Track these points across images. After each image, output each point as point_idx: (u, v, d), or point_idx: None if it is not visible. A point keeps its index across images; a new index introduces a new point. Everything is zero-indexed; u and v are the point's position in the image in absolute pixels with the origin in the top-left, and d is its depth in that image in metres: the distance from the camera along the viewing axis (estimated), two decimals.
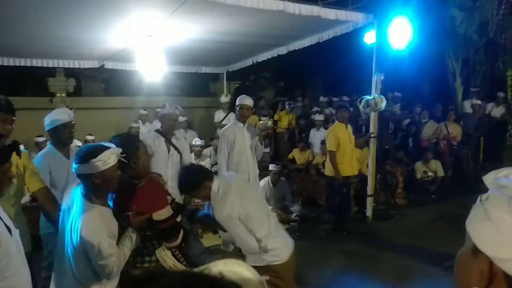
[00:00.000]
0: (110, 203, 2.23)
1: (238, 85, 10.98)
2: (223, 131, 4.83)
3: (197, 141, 7.06)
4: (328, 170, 5.85)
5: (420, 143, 8.78)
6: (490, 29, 9.26)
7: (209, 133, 8.47)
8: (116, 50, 6.67)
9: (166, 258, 2.30)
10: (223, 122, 7.83)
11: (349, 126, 5.93)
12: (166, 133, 4.54)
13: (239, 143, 4.70)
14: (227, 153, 4.71)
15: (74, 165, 2.03)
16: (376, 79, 5.91)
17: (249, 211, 2.62)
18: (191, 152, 6.96)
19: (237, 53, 7.70)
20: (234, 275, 0.70)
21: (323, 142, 7.32)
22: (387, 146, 8.28)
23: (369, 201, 6.31)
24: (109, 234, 2.02)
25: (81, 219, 1.97)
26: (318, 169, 7.64)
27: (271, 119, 6.46)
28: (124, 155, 2.10)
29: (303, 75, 11.85)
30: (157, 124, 5.24)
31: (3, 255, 1.51)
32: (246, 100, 4.77)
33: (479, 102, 8.53)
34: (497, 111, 8.90)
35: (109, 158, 2.01)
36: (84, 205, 2.02)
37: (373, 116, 6.11)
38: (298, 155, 8.28)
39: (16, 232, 1.69)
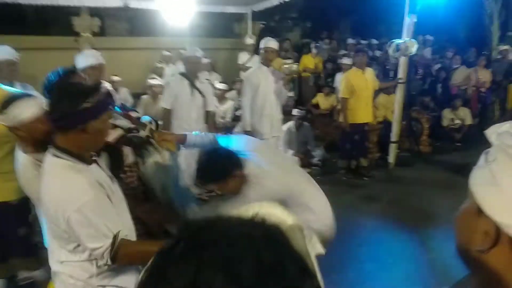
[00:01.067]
0: None
1: (263, 26, 10.69)
2: (247, 75, 4.80)
3: (220, 85, 7.04)
4: (341, 117, 5.85)
5: (449, 90, 8.50)
6: None
7: (234, 76, 8.40)
8: None
9: None
10: (248, 65, 7.74)
11: (368, 71, 5.82)
12: (190, 76, 4.55)
13: (263, 87, 4.66)
14: (250, 97, 4.69)
15: None
16: (409, 21, 5.63)
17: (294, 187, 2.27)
18: (214, 96, 7.01)
19: None
20: (273, 218, 0.66)
21: None
22: (414, 92, 8.07)
23: (393, 148, 6.28)
24: None
25: None
26: None
27: (296, 63, 6.34)
28: None
29: (331, 16, 11.42)
30: (181, 66, 5.22)
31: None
32: (270, 43, 4.67)
33: (506, 47, 8.08)
34: None
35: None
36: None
37: (402, 61, 5.91)
38: (322, 100, 8.18)
39: (115, 180, 1.77)
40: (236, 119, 6.58)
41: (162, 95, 5.09)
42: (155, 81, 6.47)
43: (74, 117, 1.50)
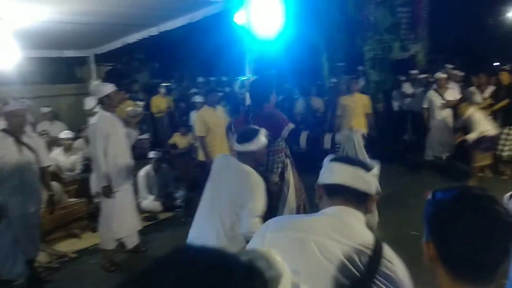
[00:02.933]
0: None
1: (110, 68, 10.28)
2: (94, 125, 4.37)
3: (65, 134, 6.45)
4: (200, 155, 5.92)
5: (294, 118, 9.27)
6: (350, 7, 10.02)
7: (80, 123, 7.80)
8: None
9: None
10: (96, 110, 7.27)
11: (219, 108, 6.06)
12: (15, 132, 4.02)
13: (114, 135, 4.36)
14: (102, 147, 4.31)
15: None
16: (249, 59, 5.99)
17: None
18: (59, 146, 6.37)
19: (103, 35, 7.14)
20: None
21: None
22: None
23: None
24: None
25: None
26: None
27: (142, 104, 6.20)
28: None
29: (180, 56, 11.58)
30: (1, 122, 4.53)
31: None
32: (108, 88, 4.38)
33: (335, 80, 9.27)
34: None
35: None
36: None
37: (248, 96, 6.21)
38: (179, 139, 8.11)
39: None
40: (87, 169, 6.07)
41: None
42: None
43: None
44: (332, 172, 1.53)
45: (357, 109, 7.30)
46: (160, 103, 8.75)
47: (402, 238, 4.69)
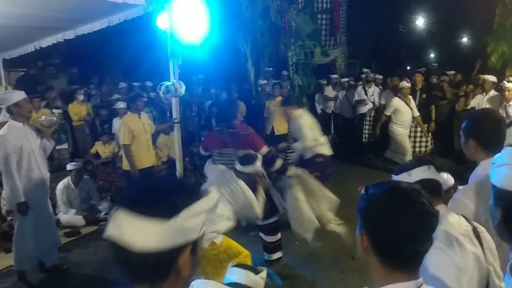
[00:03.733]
0: None
1: (21, 74, 9.54)
2: (4, 137, 3.97)
3: None
4: (125, 164, 5.69)
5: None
6: (272, 13, 10.24)
7: None
8: None
9: None
10: (5, 120, 6.68)
11: (143, 115, 5.89)
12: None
13: (26, 147, 4.02)
14: (15, 162, 3.94)
15: None
16: (173, 64, 5.88)
17: None
18: None
19: (13, 38, 6.57)
20: None
21: None
22: (192, 129, 8.47)
23: None
24: None
25: None
26: None
27: (59, 112, 5.83)
28: None
29: (100, 60, 11.05)
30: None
31: None
32: (16, 95, 4.04)
33: (264, 81, 9.43)
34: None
35: None
36: None
37: (174, 102, 6.09)
38: (102, 148, 7.73)
39: None
40: None
41: None
42: None
43: None
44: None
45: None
46: (79, 110, 8.25)
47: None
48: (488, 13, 10.40)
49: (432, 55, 23.76)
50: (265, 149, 4.16)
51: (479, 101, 7.39)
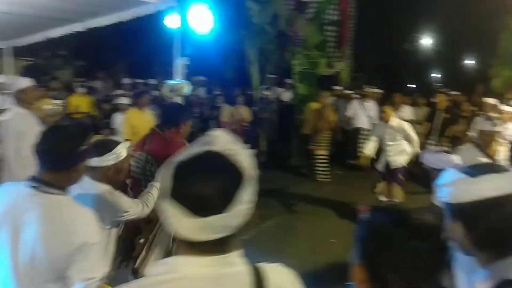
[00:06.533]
0: None
1: (30, 63, 9.58)
2: (5, 123, 4.01)
3: None
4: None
5: (221, 126, 9.31)
6: (281, 22, 10.32)
7: None
8: None
9: None
10: (3, 107, 6.70)
11: (147, 111, 5.90)
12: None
13: (29, 135, 4.02)
14: (14, 147, 3.96)
15: None
16: (180, 63, 5.91)
17: None
18: None
19: (23, 26, 6.62)
20: None
21: None
22: (193, 129, 8.47)
23: None
24: None
25: None
26: None
27: (62, 103, 5.85)
28: None
29: (106, 55, 11.10)
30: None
31: None
32: (24, 82, 4.09)
33: (268, 92, 9.52)
34: (286, 96, 10.11)
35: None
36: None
37: (178, 101, 6.12)
38: None
39: None
40: None
41: None
42: None
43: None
44: None
45: None
46: (80, 103, 8.25)
47: (320, 245, 4.89)
48: (492, 37, 10.52)
49: (436, 75, 23.92)
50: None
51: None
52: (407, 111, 8.62)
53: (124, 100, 8.28)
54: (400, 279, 0.98)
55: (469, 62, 21.16)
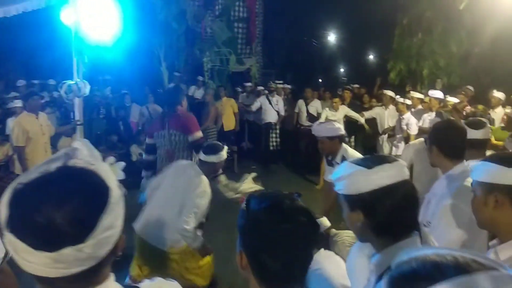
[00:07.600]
0: None
1: None
2: None
3: None
4: (18, 168, 5.23)
5: (130, 126, 8.92)
6: (188, 18, 10.14)
7: None
8: None
9: None
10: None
11: (41, 115, 5.48)
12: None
13: None
14: None
15: None
16: (78, 62, 5.53)
17: None
18: None
19: None
20: None
21: None
22: (99, 132, 8.04)
23: None
24: None
25: None
26: None
27: None
28: None
29: None
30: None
31: None
32: None
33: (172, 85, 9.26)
34: (199, 93, 9.99)
35: None
36: None
37: (77, 102, 5.72)
38: None
39: None
40: None
41: None
42: None
43: None
44: None
45: None
46: None
47: None
48: (389, 33, 11.38)
49: (341, 69, 25.34)
50: (197, 134, 4.24)
51: (380, 113, 7.95)
52: (317, 104, 9.00)
53: (18, 103, 7.55)
54: (275, 262, 1.06)
55: (370, 57, 22.74)
